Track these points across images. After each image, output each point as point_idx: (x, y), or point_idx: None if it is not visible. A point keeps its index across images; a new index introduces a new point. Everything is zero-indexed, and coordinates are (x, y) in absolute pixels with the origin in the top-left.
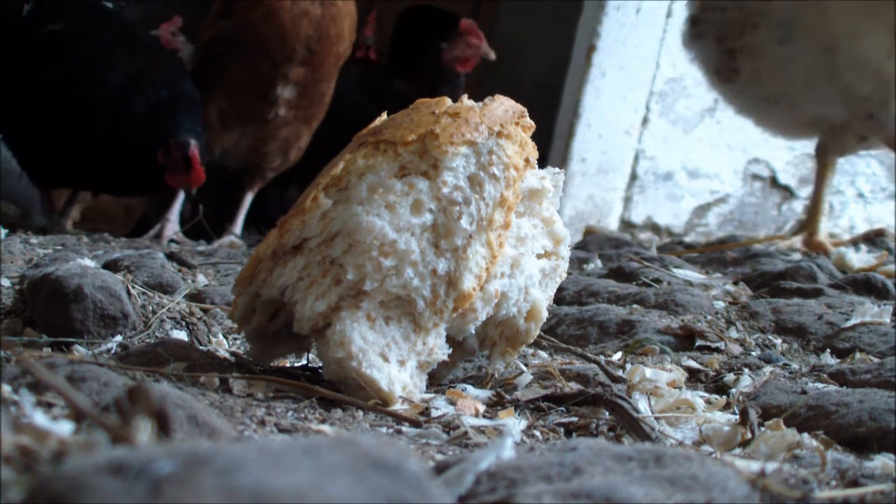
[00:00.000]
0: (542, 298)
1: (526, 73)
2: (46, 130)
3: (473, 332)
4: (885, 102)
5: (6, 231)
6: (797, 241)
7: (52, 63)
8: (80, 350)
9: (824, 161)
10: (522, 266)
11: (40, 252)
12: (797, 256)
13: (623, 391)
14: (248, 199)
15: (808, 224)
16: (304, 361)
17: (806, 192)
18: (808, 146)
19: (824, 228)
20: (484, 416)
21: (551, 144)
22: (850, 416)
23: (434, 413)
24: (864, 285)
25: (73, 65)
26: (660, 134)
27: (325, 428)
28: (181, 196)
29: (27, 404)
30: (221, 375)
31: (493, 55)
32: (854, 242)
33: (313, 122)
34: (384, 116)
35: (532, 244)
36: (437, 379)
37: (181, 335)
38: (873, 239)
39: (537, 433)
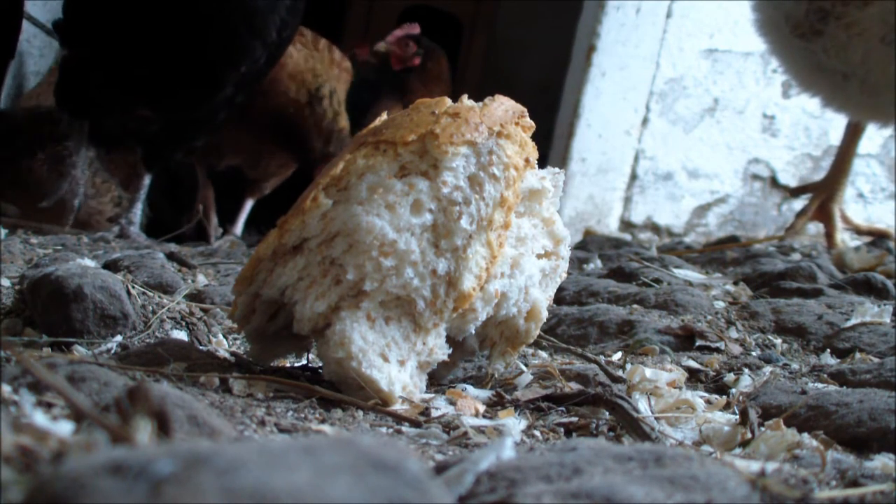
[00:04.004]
0: (542, 298)
1: (526, 73)
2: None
3: (473, 332)
4: None
5: (6, 231)
6: (813, 207)
7: None
8: (80, 350)
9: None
10: (522, 266)
11: (40, 252)
12: (797, 256)
13: (623, 391)
14: (249, 204)
15: (827, 184)
16: (304, 361)
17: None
18: (807, 146)
19: (846, 198)
20: (484, 416)
21: (551, 144)
22: (850, 416)
23: (434, 413)
24: (864, 285)
25: None
26: (660, 134)
27: (325, 428)
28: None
29: (27, 404)
30: (221, 375)
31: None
32: (859, 231)
33: None
34: (384, 116)
35: (532, 244)
36: (437, 379)
37: (181, 335)
38: (878, 237)
39: (537, 433)
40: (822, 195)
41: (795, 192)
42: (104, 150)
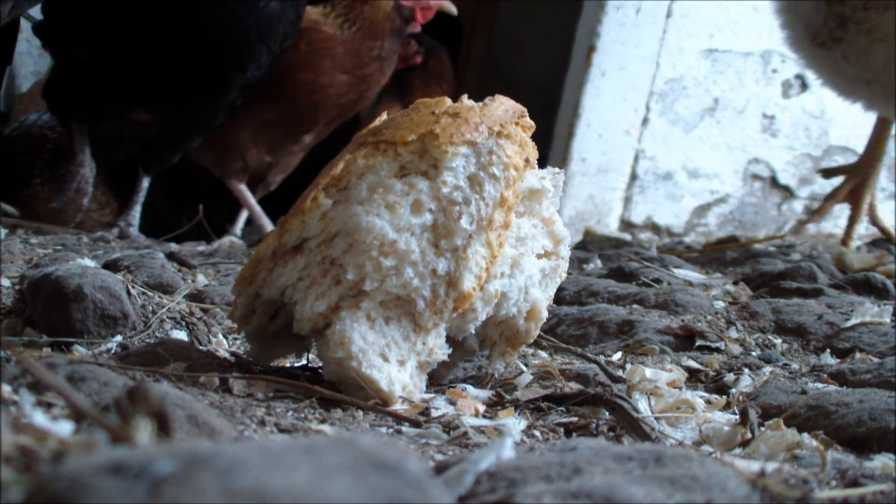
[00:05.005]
0: (542, 298)
1: (526, 73)
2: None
3: (473, 332)
4: None
5: (6, 231)
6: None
7: None
8: (80, 350)
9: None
10: (522, 266)
11: (40, 252)
12: (797, 256)
13: (623, 391)
14: None
15: (862, 167)
16: (304, 361)
17: (806, 192)
18: (807, 146)
19: (877, 187)
20: (484, 416)
21: (551, 144)
22: (850, 416)
23: (434, 413)
24: (864, 285)
25: None
26: (660, 134)
27: (325, 428)
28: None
29: (27, 404)
30: (221, 375)
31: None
32: (876, 224)
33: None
34: (384, 116)
35: (532, 244)
36: (437, 379)
37: (181, 335)
38: (886, 237)
39: (537, 433)
40: (856, 178)
41: (828, 174)
42: (106, 157)
